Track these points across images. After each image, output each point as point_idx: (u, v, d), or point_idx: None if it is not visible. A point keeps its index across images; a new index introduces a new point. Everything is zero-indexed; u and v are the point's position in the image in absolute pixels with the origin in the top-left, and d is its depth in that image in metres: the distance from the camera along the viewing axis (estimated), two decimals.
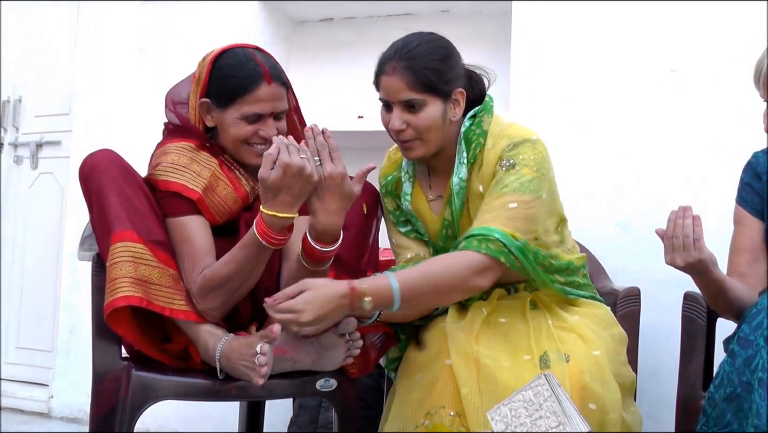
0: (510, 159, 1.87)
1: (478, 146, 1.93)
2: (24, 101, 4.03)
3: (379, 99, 1.93)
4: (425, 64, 1.85)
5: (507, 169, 1.86)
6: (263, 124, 1.94)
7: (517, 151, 1.87)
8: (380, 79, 1.89)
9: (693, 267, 1.80)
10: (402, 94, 1.86)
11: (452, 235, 1.98)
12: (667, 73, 2.64)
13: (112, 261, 1.80)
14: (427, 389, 1.79)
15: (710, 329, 2.05)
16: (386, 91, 1.89)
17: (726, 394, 1.57)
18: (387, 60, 1.88)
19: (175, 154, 1.95)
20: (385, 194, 2.10)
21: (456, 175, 1.93)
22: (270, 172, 1.70)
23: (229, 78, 1.92)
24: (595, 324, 1.91)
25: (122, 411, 1.84)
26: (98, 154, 1.92)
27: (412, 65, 1.85)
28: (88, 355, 1.95)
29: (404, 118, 1.87)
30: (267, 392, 1.92)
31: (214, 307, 1.86)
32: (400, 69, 1.85)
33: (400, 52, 1.87)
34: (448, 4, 3.23)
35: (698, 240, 1.77)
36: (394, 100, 1.88)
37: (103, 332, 1.88)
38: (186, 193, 1.91)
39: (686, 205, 1.80)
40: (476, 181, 1.93)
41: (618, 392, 1.77)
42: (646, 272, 2.50)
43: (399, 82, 1.85)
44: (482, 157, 1.92)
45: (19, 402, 3.72)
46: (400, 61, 1.86)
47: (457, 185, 1.92)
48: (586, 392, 1.71)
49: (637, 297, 2.17)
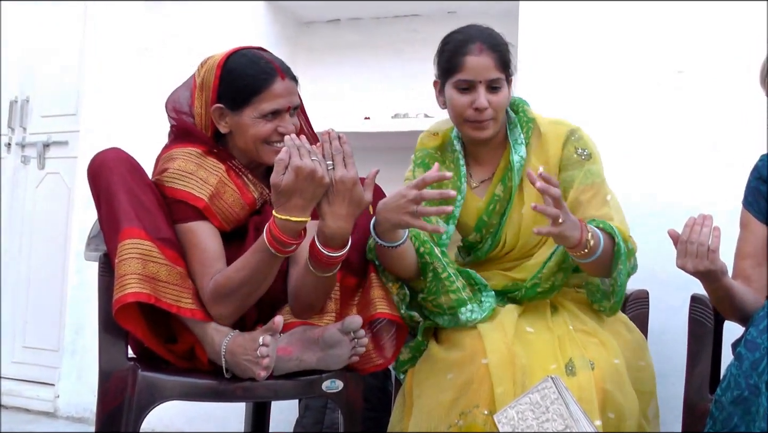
0: (584, 149, 2.01)
1: (530, 129, 2.05)
2: (31, 101, 4.04)
3: (458, 81, 1.97)
4: (505, 47, 2.00)
5: (586, 158, 2.00)
6: (281, 120, 1.94)
7: (584, 140, 2.03)
8: (464, 59, 1.95)
9: (703, 275, 1.78)
10: (490, 73, 1.95)
11: (499, 210, 2.05)
12: (674, 74, 2.63)
13: (121, 258, 1.80)
14: (462, 390, 1.79)
15: (717, 331, 2.05)
16: (473, 70, 1.95)
17: (733, 397, 1.57)
18: (471, 41, 1.96)
19: (182, 160, 1.95)
20: (419, 165, 2.13)
21: (516, 153, 2.02)
22: (282, 177, 1.69)
23: (243, 78, 1.92)
24: (616, 327, 1.93)
25: (128, 411, 1.84)
26: (107, 153, 1.92)
27: (496, 46, 1.97)
28: (94, 354, 1.95)
29: (487, 98, 1.95)
30: (272, 392, 1.92)
31: (226, 313, 1.86)
32: (486, 49, 1.95)
33: (483, 34, 1.98)
34: (454, 5, 3.23)
35: (714, 251, 1.74)
36: (481, 79, 1.95)
37: (109, 331, 1.89)
38: (192, 201, 1.91)
39: (707, 215, 1.78)
40: (536, 161, 2.02)
41: (635, 400, 1.78)
42: (652, 274, 2.49)
43: (488, 61, 1.95)
44: (539, 141, 2.04)
45: (25, 401, 3.72)
46: (485, 42, 1.96)
47: (518, 162, 2.01)
48: (607, 401, 1.73)
49: (646, 300, 2.16)
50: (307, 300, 1.90)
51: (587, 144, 2.02)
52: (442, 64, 2.02)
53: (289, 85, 1.95)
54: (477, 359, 1.80)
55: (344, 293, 2.00)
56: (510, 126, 2.07)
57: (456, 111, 2.00)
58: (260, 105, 1.92)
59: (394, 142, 3.17)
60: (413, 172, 2.12)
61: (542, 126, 2.05)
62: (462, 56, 1.95)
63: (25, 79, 4.07)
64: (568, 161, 2.00)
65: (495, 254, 2.08)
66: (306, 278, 1.85)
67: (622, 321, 2.01)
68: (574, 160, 2.00)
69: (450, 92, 2.00)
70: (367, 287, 2.00)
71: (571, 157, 2.00)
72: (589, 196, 1.97)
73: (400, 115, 3.10)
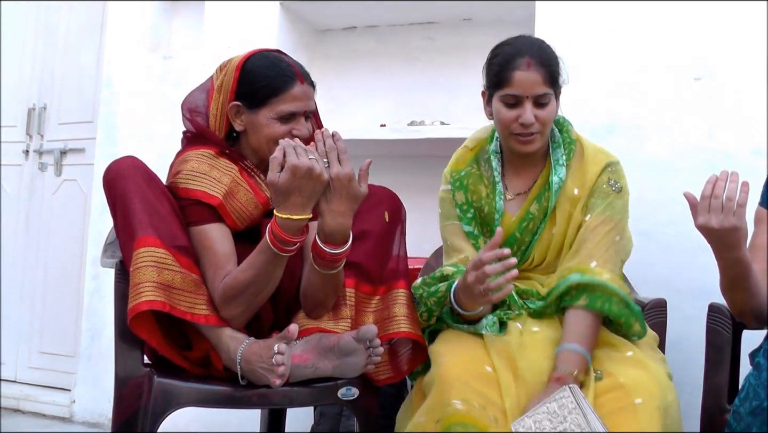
0: (617, 182, 2.02)
1: (572, 151, 2.05)
2: (49, 109, 4.06)
3: (505, 95, 1.95)
4: (555, 61, 1.99)
5: (617, 191, 2.02)
6: (296, 123, 1.97)
7: (620, 175, 2.04)
8: (513, 74, 1.93)
9: (726, 235, 1.68)
10: (538, 88, 1.93)
11: (531, 228, 2.05)
12: (691, 81, 2.62)
13: (136, 266, 1.81)
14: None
15: (735, 340, 2.03)
16: (521, 85, 1.93)
17: (752, 407, 1.55)
18: (519, 55, 1.94)
19: (195, 161, 1.97)
20: (458, 188, 2.10)
21: (556, 174, 2.02)
22: (278, 175, 1.71)
23: (263, 79, 1.95)
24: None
25: (144, 417, 1.84)
26: (122, 161, 1.94)
27: (545, 61, 1.96)
28: (110, 360, 1.96)
29: (534, 113, 1.94)
30: (288, 400, 1.92)
31: (236, 314, 1.87)
32: (535, 64, 1.93)
33: (532, 48, 1.96)
34: (470, 12, 3.23)
35: (741, 206, 1.66)
36: (528, 95, 1.94)
37: (125, 337, 1.89)
38: (207, 199, 1.92)
39: (734, 171, 1.70)
40: (571, 183, 2.03)
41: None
42: (669, 283, 2.48)
43: (536, 77, 1.93)
44: (579, 164, 2.04)
45: (41, 406, 3.73)
46: (534, 57, 1.94)
47: (557, 184, 2.01)
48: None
49: (664, 309, 2.15)
50: (316, 298, 1.92)
51: (621, 178, 2.04)
52: (490, 77, 2.01)
53: (307, 89, 1.98)
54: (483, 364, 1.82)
55: (359, 300, 2.01)
56: (553, 144, 2.07)
57: (502, 124, 1.99)
58: (278, 106, 1.94)
59: (410, 150, 3.17)
60: (452, 195, 2.10)
61: (585, 149, 2.06)
62: (510, 71, 1.93)
63: (43, 86, 4.09)
64: (599, 189, 2.01)
65: (521, 267, 2.06)
66: (313, 277, 1.86)
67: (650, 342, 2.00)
68: (604, 190, 2.01)
69: (497, 105, 1.99)
70: (390, 303, 2.01)
71: (603, 185, 2.01)
72: (601, 229, 1.98)
73: (416, 122, 3.10)
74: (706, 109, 2.60)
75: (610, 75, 2.74)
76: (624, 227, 2.04)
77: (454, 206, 2.10)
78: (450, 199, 2.11)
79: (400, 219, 2.11)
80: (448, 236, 2.12)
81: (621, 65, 2.72)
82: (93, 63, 3.88)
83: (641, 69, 2.69)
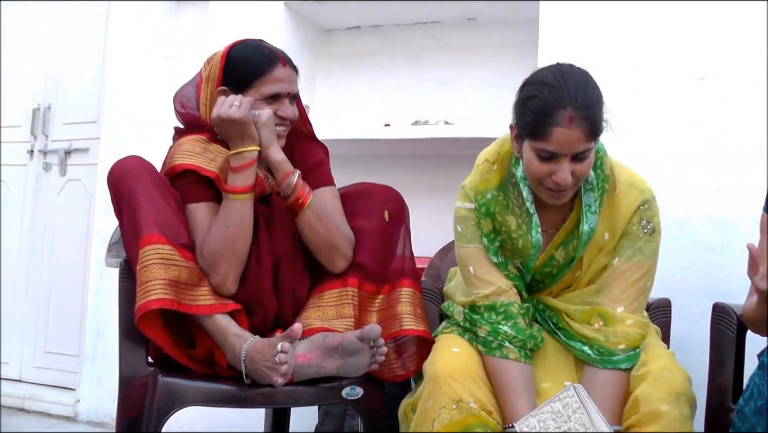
0: (650, 222, 1.87)
1: (604, 192, 1.87)
2: (53, 109, 4.07)
3: (540, 149, 1.73)
4: (599, 107, 1.74)
5: (649, 233, 1.87)
6: (281, 104, 2.03)
7: (653, 213, 1.88)
8: (552, 130, 1.69)
9: None
10: (579, 146, 1.71)
11: (553, 273, 1.94)
12: (694, 80, 2.61)
13: (143, 264, 1.82)
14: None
15: (740, 340, 2.02)
16: (561, 144, 1.70)
17: (756, 407, 1.55)
18: (561, 107, 1.69)
19: (189, 144, 2.03)
20: (483, 214, 1.92)
21: (586, 223, 1.85)
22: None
23: (246, 63, 2.02)
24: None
25: (148, 416, 1.85)
26: (128, 160, 1.96)
27: (590, 113, 1.71)
28: (114, 360, 1.96)
29: (571, 168, 1.74)
30: (292, 399, 1.93)
31: (223, 273, 1.89)
32: (577, 120, 1.68)
33: (577, 95, 1.70)
34: (475, 12, 3.22)
35: None
36: (567, 153, 1.72)
37: (130, 337, 1.90)
38: (203, 172, 1.97)
39: None
40: (602, 228, 1.88)
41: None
42: (674, 282, 2.47)
43: (579, 134, 1.69)
44: (610, 201, 1.88)
45: (46, 406, 3.74)
46: (577, 108, 1.69)
47: (587, 234, 1.85)
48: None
49: (668, 308, 2.15)
50: (319, 244, 1.99)
51: (654, 216, 1.88)
52: (523, 122, 1.76)
53: (290, 72, 2.05)
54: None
55: (363, 300, 2.02)
56: (585, 186, 1.86)
57: (533, 175, 1.79)
58: (262, 87, 2.00)
59: (414, 150, 3.17)
60: (477, 219, 1.93)
61: (618, 183, 1.88)
62: (548, 126, 1.69)
63: (48, 86, 4.10)
64: (630, 231, 1.87)
65: (533, 291, 2.02)
66: (303, 228, 1.98)
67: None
68: (635, 232, 1.87)
69: (529, 155, 1.77)
70: (394, 302, 2.02)
71: (635, 228, 1.87)
72: (630, 275, 1.86)
73: (420, 122, 3.09)
74: (709, 109, 2.59)
75: (613, 74, 2.73)
76: (654, 270, 1.90)
77: (478, 230, 1.93)
78: (474, 221, 1.94)
79: (402, 218, 2.12)
80: (471, 263, 1.94)
81: (624, 65, 2.72)
82: (97, 63, 3.89)
83: (644, 69, 2.69)
